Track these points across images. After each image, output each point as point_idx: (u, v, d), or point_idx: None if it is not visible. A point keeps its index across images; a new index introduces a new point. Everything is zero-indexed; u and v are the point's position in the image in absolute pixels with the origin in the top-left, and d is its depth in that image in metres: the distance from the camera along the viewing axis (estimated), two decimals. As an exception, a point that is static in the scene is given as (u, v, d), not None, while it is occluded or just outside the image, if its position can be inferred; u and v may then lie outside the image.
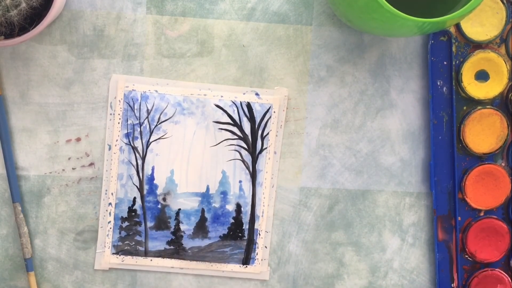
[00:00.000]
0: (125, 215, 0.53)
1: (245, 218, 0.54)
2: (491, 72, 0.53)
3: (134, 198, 0.53)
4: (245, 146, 0.53)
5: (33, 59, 0.52)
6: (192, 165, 0.53)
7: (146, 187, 0.53)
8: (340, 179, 0.54)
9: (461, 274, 0.55)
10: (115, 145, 0.52)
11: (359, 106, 0.54)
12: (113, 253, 0.53)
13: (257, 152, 0.53)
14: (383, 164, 0.54)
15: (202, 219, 0.53)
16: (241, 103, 0.53)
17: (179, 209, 0.53)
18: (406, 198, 0.55)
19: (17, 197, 0.52)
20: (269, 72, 0.53)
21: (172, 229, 0.53)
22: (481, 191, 0.54)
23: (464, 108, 0.54)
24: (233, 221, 0.54)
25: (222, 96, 0.52)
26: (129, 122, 0.52)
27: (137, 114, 0.52)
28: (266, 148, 0.53)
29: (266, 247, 0.54)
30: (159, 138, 0.52)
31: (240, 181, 0.53)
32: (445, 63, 0.53)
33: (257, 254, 0.54)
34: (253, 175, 0.53)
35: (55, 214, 0.53)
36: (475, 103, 0.54)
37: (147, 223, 0.53)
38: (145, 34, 0.52)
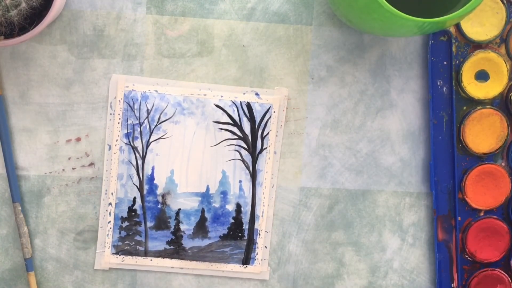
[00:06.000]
0: (125, 215, 0.53)
1: (245, 218, 0.54)
2: (491, 72, 0.53)
3: (134, 198, 0.53)
4: (245, 146, 0.53)
5: (33, 59, 0.52)
6: (192, 165, 0.53)
7: (146, 187, 0.53)
8: (340, 179, 0.54)
9: (461, 274, 0.55)
10: (115, 145, 0.52)
11: (359, 106, 0.54)
12: (113, 253, 0.53)
13: (257, 152, 0.53)
14: (383, 164, 0.54)
15: (202, 219, 0.53)
16: (241, 103, 0.53)
17: (179, 209, 0.53)
18: (406, 198, 0.55)
19: (17, 197, 0.52)
20: (269, 72, 0.53)
21: (172, 229, 0.53)
22: (481, 191, 0.54)
23: (464, 108, 0.54)
24: (233, 221, 0.54)
25: (222, 96, 0.52)
26: (129, 122, 0.52)
27: (137, 114, 0.52)
28: (266, 148, 0.53)
29: (266, 247, 0.54)
30: (159, 138, 0.52)
31: (240, 181, 0.53)
32: (445, 63, 0.53)
33: (257, 254, 0.54)
34: (253, 175, 0.53)
35: (55, 214, 0.53)
36: (475, 103, 0.54)
37: (147, 223, 0.53)
38: (145, 34, 0.52)
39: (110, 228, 0.53)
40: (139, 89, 0.52)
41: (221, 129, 0.53)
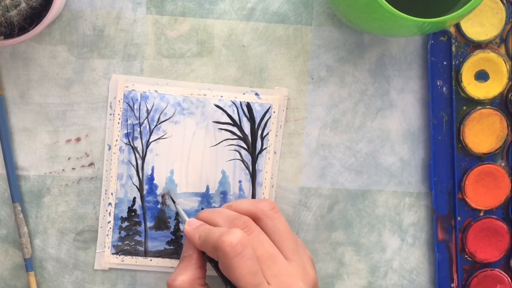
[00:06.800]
0: (125, 215, 0.53)
1: (245, 218, 0.53)
2: (491, 72, 0.53)
3: (134, 198, 0.53)
4: (245, 146, 0.53)
5: (33, 59, 0.52)
6: (192, 165, 0.53)
7: (146, 187, 0.53)
8: (340, 179, 0.54)
9: (461, 274, 0.55)
10: (115, 145, 0.52)
11: (359, 106, 0.54)
12: (113, 253, 0.53)
13: (257, 152, 0.53)
14: (383, 164, 0.54)
15: (202, 219, 0.53)
16: (241, 103, 0.53)
17: (179, 209, 0.53)
18: (406, 198, 0.55)
19: (17, 197, 0.52)
20: (269, 72, 0.53)
21: (172, 229, 0.53)
22: (481, 191, 0.54)
23: (464, 108, 0.54)
24: (233, 221, 0.53)
25: (222, 96, 0.52)
26: (129, 122, 0.52)
27: (137, 114, 0.52)
28: (266, 148, 0.53)
29: (266, 247, 0.54)
30: (159, 138, 0.52)
31: (240, 181, 0.53)
32: (445, 63, 0.53)
33: (257, 254, 0.54)
34: (253, 175, 0.53)
35: (55, 214, 0.53)
36: (475, 103, 0.54)
37: (147, 223, 0.53)
38: (145, 34, 0.52)
39: (110, 228, 0.53)
40: (139, 89, 0.52)
41: (221, 129, 0.53)
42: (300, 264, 0.47)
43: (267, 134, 0.53)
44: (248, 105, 0.53)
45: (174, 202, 0.52)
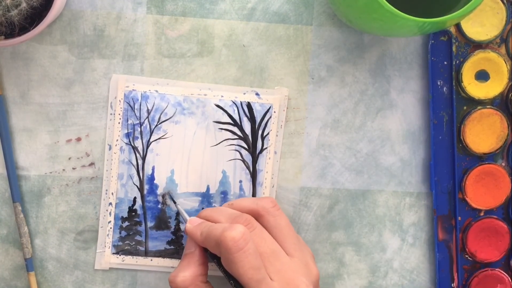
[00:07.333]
0: (125, 215, 0.53)
1: (245, 218, 0.53)
2: (491, 72, 0.53)
3: (135, 198, 0.53)
4: (245, 146, 0.53)
5: (33, 59, 0.52)
6: (192, 165, 0.53)
7: (146, 187, 0.53)
8: (340, 179, 0.54)
9: (461, 274, 0.55)
10: (116, 145, 0.52)
11: (359, 106, 0.54)
12: (113, 253, 0.53)
13: (257, 152, 0.53)
14: (383, 164, 0.54)
15: (202, 219, 0.53)
16: (241, 103, 0.53)
17: (179, 209, 0.53)
18: (406, 198, 0.55)
19: (17, 197, 0.52)
20: (269, 72, 0.53)
21: (172, 229, 0.53)
22: (481, 191, 0.54)
23: (464, 108, 0.54)
24: (233, 221, 0.53)
25: (222, 96, 0.52)
26: (130, 122, 0.52)
27: (138, 114, 0.52)
28: (266, 148, 0.53)
29: (266, 247, 0.54)
30: (159, 138, 0.52)
31: (240, 181, 0.53)
32: (445, 63, 0.53)
33: (257, 254, 0.54)
34: (253, 175, 0.53)
35: (55, 214, 0.53)
36: (475, 103, 0.54)
37: (147, 223, 0.53)
38: (145, 34, 0.52)
39: (111, 228, 0.53)
40: (139, 89, 0.52)
41: (222, 129, 0.53)
42: (302, 260, 0.47)
43: (268, 134, 0.53)
44: (249, 105, 0.53)
45: (174, 202, 0.52)
